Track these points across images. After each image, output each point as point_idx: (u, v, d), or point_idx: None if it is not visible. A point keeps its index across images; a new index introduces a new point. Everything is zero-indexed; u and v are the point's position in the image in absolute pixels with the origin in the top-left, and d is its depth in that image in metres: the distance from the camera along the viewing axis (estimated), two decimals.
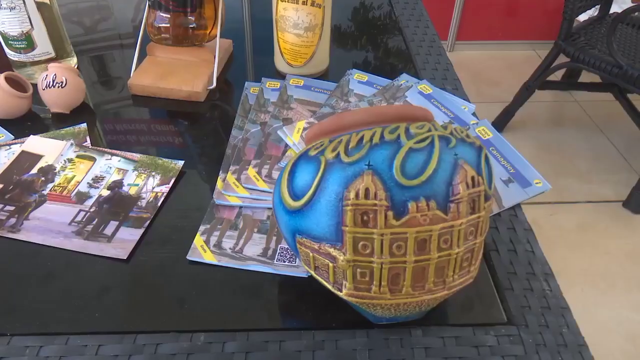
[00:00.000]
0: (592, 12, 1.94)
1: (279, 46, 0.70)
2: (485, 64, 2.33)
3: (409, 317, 0.39)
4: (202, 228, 0.50)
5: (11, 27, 0.63)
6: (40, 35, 0.65)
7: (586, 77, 2.08)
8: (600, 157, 1.85)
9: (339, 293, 0.37)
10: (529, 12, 2.37)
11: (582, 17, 1.98)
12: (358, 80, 0.70)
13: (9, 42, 0.64)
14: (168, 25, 0.67)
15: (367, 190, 0.33)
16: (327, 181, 0.35)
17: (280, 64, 0.73)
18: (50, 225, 0.50)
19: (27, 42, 0.64)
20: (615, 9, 1.88)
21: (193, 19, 0.67)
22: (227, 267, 0.47)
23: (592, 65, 1.61)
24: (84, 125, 0.61)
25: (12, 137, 0.60)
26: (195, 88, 0.67)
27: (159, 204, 0.52)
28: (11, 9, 0.61)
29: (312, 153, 0.37)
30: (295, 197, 0.36)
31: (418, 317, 0.40)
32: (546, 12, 2.40)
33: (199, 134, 0.63)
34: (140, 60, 0.70)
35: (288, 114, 0.64)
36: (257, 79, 0.71)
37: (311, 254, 0.37)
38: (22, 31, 0.63)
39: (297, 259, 0.47)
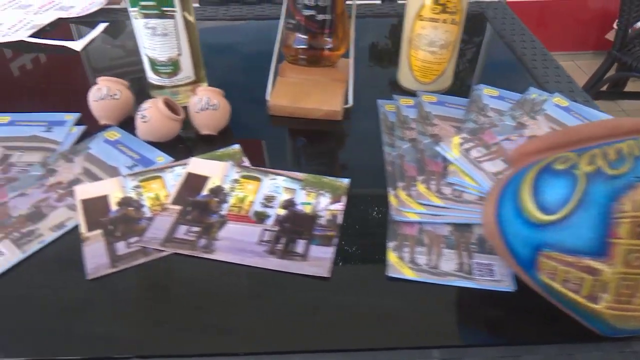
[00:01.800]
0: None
1: (409, 63, 0.71)
2: None
3: None
4: (390, 245, 0.50)
5: (161, 53, 0.64)
6: (185, 60, 0.66)
7: (630, 87, 2.09)
8: None
9: (593, 305, 0.37)
10: (565, 23, 2.39)
11: None
12: (489, 95, 0.71)
13: (156, 67, 0.66)
14: (306, 46, 0.69)
15: None
16: (591, 194, 0.35)
17: (406, 81, 0.74)
18: (239, 244, 0.50)
19: (174, 67, 0.66)
20: None
21: (330, 39, 0.69)
22: (426, 282, 0.47)
23: None
24: (237, 146, 0.62)
25: (172, 159, 0.61)
26: (333, 107, 0.68)
27: (340, 222, 0.53)
28: (164, 35, 0.63)
29: (560, 167, 0.37)
30: (547, 211, 0.37)
31: None
32: (582, 24, 2.41)
33: (346, 151, 0.64)
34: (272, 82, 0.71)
35: (433, 130, 0.64)
36: (379, 95, 0.71)
37: (560, 267, 0.37)
38: (171, 56, 0.65)
39: (496, 273, 0.47)
